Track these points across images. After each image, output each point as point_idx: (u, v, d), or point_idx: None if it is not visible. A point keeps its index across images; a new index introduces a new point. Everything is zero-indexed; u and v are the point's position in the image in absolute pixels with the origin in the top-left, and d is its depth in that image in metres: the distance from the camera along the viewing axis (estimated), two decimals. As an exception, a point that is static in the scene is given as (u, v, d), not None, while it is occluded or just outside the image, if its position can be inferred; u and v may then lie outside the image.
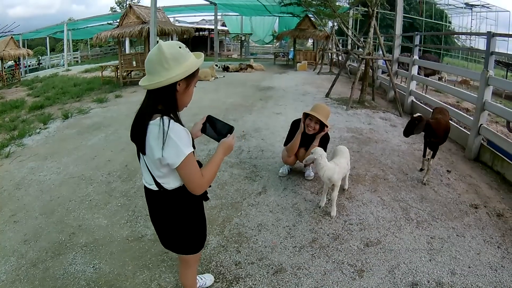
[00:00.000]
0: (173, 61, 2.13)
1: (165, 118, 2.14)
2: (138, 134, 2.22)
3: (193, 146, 2.32)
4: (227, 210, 4.73)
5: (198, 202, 2.55)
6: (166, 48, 2.13)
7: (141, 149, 2.25)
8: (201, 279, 3.39)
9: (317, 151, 4.47)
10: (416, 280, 3.43)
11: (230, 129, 2.48)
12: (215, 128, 2.51)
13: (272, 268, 3.62)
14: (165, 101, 2.21)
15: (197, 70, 2.29)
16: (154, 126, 2.13)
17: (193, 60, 2.24)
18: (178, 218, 2.48)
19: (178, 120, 2.25)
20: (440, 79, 15.63)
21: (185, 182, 2.27)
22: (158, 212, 2.51)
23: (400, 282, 3.42)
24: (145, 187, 2.47)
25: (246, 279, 3.48)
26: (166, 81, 2.12)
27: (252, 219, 4.50)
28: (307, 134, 5.16)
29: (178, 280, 3.44)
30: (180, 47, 2.19)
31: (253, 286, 3.40)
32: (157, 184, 2.33)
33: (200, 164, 2.40)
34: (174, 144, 2.12)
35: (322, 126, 5.06)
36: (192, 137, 2.35)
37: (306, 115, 5.12)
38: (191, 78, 2.26)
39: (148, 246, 4.01)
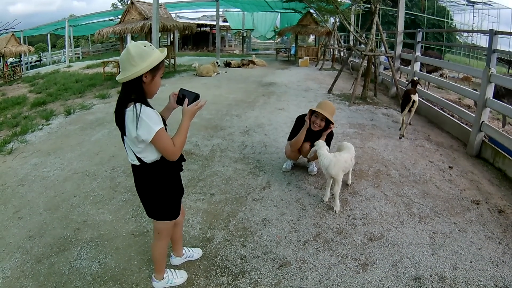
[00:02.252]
0: (138, 58, 2.54)
1: (137, 104, 2.56)
2: (119, 120, 2.64)
3: (165, 124, 2.79)
4: (231, 204, 4.76)
5: (174, 174, 3.02)
6: (132, 48, 2.55)
7: (123, 132, 2.67)
8: (189, 250, 3.72)
9: (318, 143, 4.68)
10: (419, 274, 3.46)
11: (196, 97, 2.88)
12: (187, 99, 2.85)
13: (277, 262, 3.65)
14: (135, 91, 2.61)
15: (162, 63, 2.72)
16: (129, 111, 2.56)
17: (156, 56, 2.63)
18: (157, 187, 2.92)
19: (148, 105, 2.65)
20: (441, 75, 15.63)
21: (161, 152, 2.74)
22: (141, 184, 2.94)
23: (403, 275, 3.45)
24: (131, 164, 2.87)
25: (251, 272, 3.51)
26: (133, 75, 2.54)
27: (257, 213, 4.53)
28: (312, 130, 5.19)
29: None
30: (145, 46, 2.60)
31: (259, 279, 3.42)
32: (138, 159, 2.75)
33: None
34: (146, 124, 2.54)
35: (327, 123, 5.09)
36: (163, 118, 2.84)
37: (312, 111, 5.15)
38: (156, 70, 2.67)
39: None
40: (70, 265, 3.71)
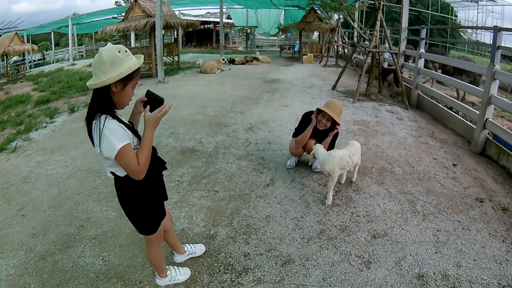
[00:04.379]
0: (109, 65, 2.35)
1: (102, 117, 2.38)
2: (88, 132, 2.47)
3: (137, 134, 2.63)
4: (235, 201, 4.77)
5: (152, 185, 2.83)
6: (105, 52, 2.36)
7: (93, 144, 2.45)
8: (191, 247, 3.72)
9: (316, 146, 4.80)
10: (423, 272, 3.46)
11: (161, 101, 2.62)
12: (153, 102, 2.62)
13: (281, 259, 3.66)
14: (103, 101, 2.43)
15: (136, 72, 2.52)
16: (95, 125, 2.38)
17: (129, 64, 2.43)
18: (134, 200, 2.79)
19: (116, 117, 2.47)
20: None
21: (125, 171, 2.53)
22: (119, 197, 2.82)
23: (407, 273, 3.44)
24: None
25: (255, 270, 3.52)
26: (100, 83, 2.37)
27: (261, 210, 4.54)
28: (318, 129, 5.17)
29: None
30: (119, 51, 2.40)
31: (262, 277, 3.43)
32: (111, 172, 2.62)
33: (154, 149, 2.78)
34: (108, 140, 2.35)
35: (334, 123, 5.07)
36: (133, 122, 2.74)
37: (319, 110, 5.13)
38: (128, 80, 2.47)
39: (157, 238, 4.05)
40: (73, 262, 3.73)
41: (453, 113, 8.16)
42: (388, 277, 3.40)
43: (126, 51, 2.46)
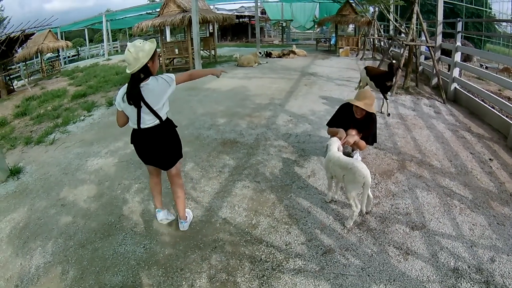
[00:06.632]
0: (140, 52, 3.40)
1: (150, 77, 3.52)
2: (136, 95, 3.44)
3: None
4: (276, 192, 4.84)
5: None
6: (132, 48, 3.39)
7: (138, 102, 3.46)
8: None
9: (332, 140, 4.67)
10: (457, 265, 3.47)
11: None
12: None
13: (321, 249, 3.73)
14: (146, 72, 3.49)
15: (155, 50, 3.57)
16: (151, 81, 3.51)
17: (147, 47, 3.45)
18: (175, 133, 3.89)
19: None
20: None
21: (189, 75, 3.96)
22: (164, 138, 3.76)
23: (443, 266, 3.47)
24: (143, 130, 3.66)
25: (296, 258, 3.60)
26: (140, 65, 3.41)
27: (302, 201, 4.60)
28: (357, 119, 5.16)
29: (228, 258, 3.61)
30: (140, 43, 3.45)
31: (303, 266, 3.51)
32: (158, 117, 3.60)
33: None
34: (166, 76, 3.63)
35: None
36: None
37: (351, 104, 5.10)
38: (153, 56, 3.52)
39: (199, 226, 4.17)
40: (114, 250, 3.88)
41: (489, 107, 8.03)
42: (424, 269, 3.44)
43: (143, 41, 3.51)
